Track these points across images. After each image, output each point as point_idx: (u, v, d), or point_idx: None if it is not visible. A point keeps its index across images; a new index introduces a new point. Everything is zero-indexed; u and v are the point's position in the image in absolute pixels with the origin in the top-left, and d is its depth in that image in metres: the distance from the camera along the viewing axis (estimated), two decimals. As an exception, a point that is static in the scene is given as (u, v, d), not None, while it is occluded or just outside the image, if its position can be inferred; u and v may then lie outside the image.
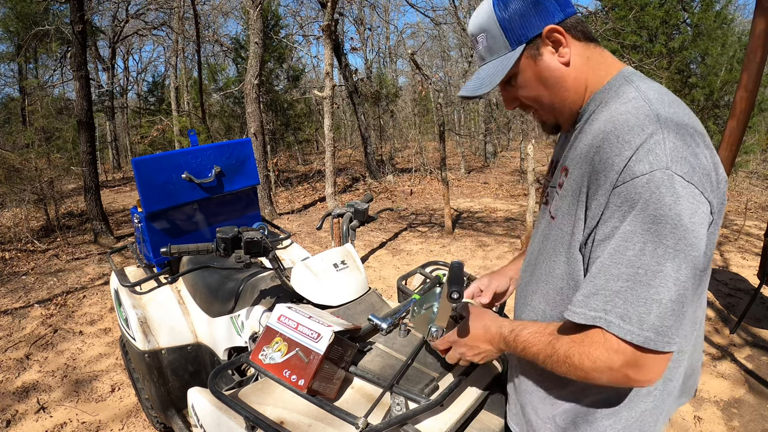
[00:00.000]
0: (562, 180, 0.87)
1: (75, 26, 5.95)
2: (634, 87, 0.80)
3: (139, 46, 20.25)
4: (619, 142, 0.73)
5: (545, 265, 0.90)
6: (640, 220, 0.69)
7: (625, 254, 0.70)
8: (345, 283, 1.51)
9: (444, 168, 6.16)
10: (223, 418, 1.09)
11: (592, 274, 0.74)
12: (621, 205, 0.71)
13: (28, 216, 6.84)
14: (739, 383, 2.72)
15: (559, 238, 0.85)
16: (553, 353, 0.79)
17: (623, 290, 0.70)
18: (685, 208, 0.68)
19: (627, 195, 0.70)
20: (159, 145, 12.85)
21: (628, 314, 0.70)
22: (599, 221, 0.75)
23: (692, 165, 0.70)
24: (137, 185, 1.99)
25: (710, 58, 9.15)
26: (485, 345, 0.96)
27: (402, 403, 1.04)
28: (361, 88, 11.64)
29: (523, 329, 0.88)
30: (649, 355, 0.70)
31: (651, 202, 0.68)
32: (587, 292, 0.74)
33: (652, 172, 0.69)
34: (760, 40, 2.59)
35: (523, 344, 0.86)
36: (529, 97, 0.89)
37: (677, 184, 0.68)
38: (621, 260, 0.70)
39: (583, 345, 0.75)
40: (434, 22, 13.01)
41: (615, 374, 0.73)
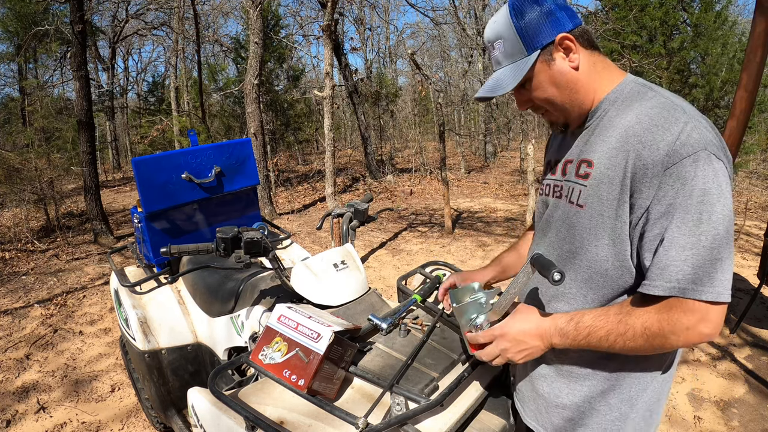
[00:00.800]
0: (587, 171, 0.95)
1: (75, 26, 5.95)
2: (650, 89, 0.92)
3: (139, 46, 20.27)
4: (660, 130, 0.84)
5: (584, 251, 0.95)
6: (696, 193, 0.80)
7: (688, 224, 0.80)
8: (345, 283, 1.51)
9: (444, 168, 6.16)
10: (223, 418, 1.09)
11: (665, 247, 0.82)
12: (674, 184, 0.81)
13: (28, 216, 6.84)
14: (739, 383, 2.72)
15: (598, 224, 0.92)
16: (627, 329, 0.86)
17: (690, 257, 0.80)
18: (722, 179, 0.81)
19: (678, 174, 0.81)
20: (159, 145, 12.85)
21: (699, 278, 0.80)
22: (652, 202, 0.84)
23: (717, 146, 0.82)
24: (137, 185, 1.99)
25: (710, 58, 9.15)
26: (534, 341, 0.96)
27: (402, 403, 1.04)
28: (361, 88, 11.64)
29: (582, 316, 0.92)
30: (715, 308, 0.81)
31: (698, 177, 0.80)
32: (662, 265, 0.82)
33: (696, 152, 0.80)
34: (760, 40, 2.59)
35: (587, 330, 0.90)
36: (542, 98, 0.98)
37: (714, 161, 0.81)
38: (684, 230, 0.80)
39: (661, 312, 0.84)
40: (434, 22, 13.02)
41: (691, 333, 0.82)
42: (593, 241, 0.93)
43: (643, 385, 0.96)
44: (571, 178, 1.00)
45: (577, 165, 0.99)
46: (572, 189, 0.98)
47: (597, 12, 9.71)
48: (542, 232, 1.10)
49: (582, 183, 0.95)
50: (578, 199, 0.96)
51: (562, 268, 0.98)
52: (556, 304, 1.01)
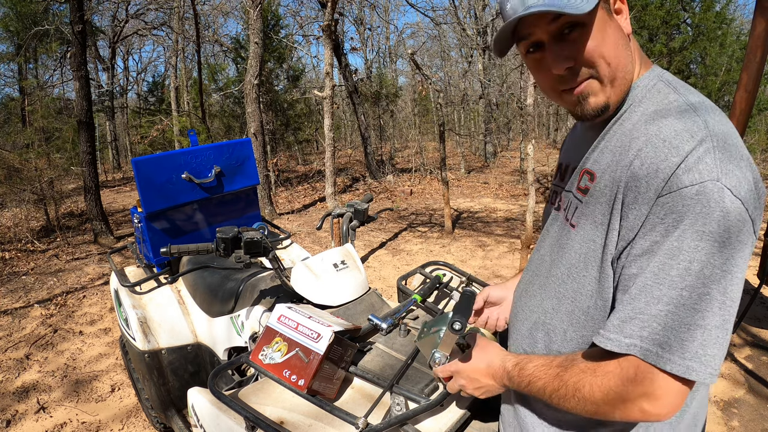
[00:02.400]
0: (587, 185, 0.79)
1: (75, 26, 5.95)
2: (673, 89, 0.74)
3: (139, 46, 20.27)
4: (666, 146, 0.66)
5: (570, 280, 0.81)
6: (688, 236, 0.63)
7: (669, 273, 0.63)
8: (345, 283, 1.51)
9: (444, 168, 6.16)
10: (223, 418, 1.09)
11: (632, 295, 0.67)
12: (665, 217, 0.65)
13: (28, 216, 6.84)
14: (739, 383, 2.72)
15: (589, 250, 0.77)
16: (561, 386, 0.74)
17: (663, 314, 0.64)
18: (733, 225, 0.62)
19: (673, 206, 0.64)
20: (159, 145, 12.85)
21: (668, 341, 0.63)
22: (638, 233, 0.68)
23: (739, 178, 0.63)
24: (137, 185, 1.99)
25: (710, 58, 9.16)
26: (487, 380, 0.90)
27: (402, 403, 1.04)
28: (361, 88, 11.64)
29: (528, 362, 0.82)
30: (670, 386, 0.64)
31: (701, 216, 0.62)
32: (624, 316, 0.67)
33: (702, 182, 0.62)
34: (759, 40, 2.59)
35: (528, 378, 0.80)
36: (596, 57, 0.73)
37: (727, 199, 0.62)
38: (664, 280, 0.64)
39: (596, 375, 0.70)
40: (434, 22, 13.02)
41: (629, 407, 0.67)
42: (581, 270, 0.78)
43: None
44: (571, 189, 0.84)
45: (579, 174, 0.82)
46: (570, 203, 0.84)
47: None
48: (538, 246, 0.96)
49: (579, 198, 0.81)
50: (573, 216, 0.82)
51: (550, 292, 0.86)
52: (537, 333, 0.88)
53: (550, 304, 0.85)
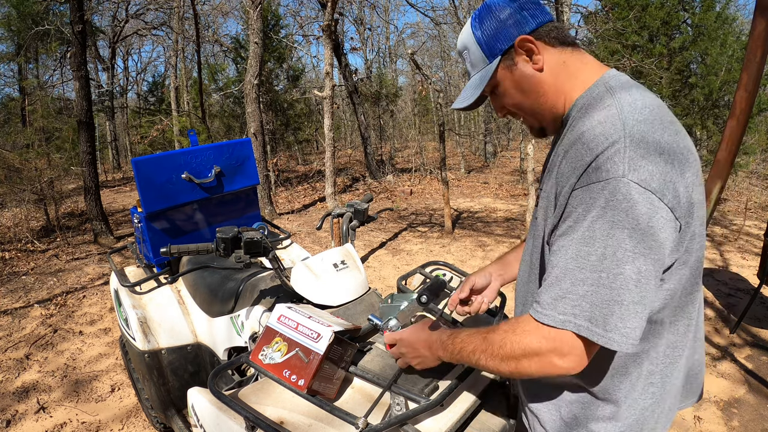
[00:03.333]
0: (545, 185, 0.92)
1: (75, 26, 5.95)
2: (611, 94, 0.82)
3: (139, 46, 20.27)
4: (584, 148, 0.77)
5: (535, 264, 0.94)
6: (599, 225, 0.72)
7: (589, 258, 0.73)
8: (345, 283, 1.51)
9: (444, 168, 6.16)
10: (223, 418, 1.09)
11: (557, 276, 0.76)
12: (577, 207, 0.75)
13: (28, 216, 6.84)
14: (739, 383, 2.72)
15: (538, 254, 0.91)
16: (487, 346, 0.84)
17: (589, 294, 0.73)
18: (641, 212, 0.71)
19: (583, 198, 0.74)
20: (159, 145, 12.85)
21: (594, 317, 0.73)
22: (560, 220, 0.79)
23: (651, 173, 0.72)
24: (137, 185, 1.99)
25: (710, 58, 9.16)
26: (424, 350, 1.01)
27: (402, 403, 1.04)
28: (361, 88, 11.64)
29: (461, 332, 0.93)
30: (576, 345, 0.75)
31: (608, 208, 0.72)
32: (555, 295, 0.76)
33: (607, 180, 0.72)
34: (759, 40, 2.59)
35: (459, 345, 0.91)
36: (511, 104, 0.94)
37: (633, 191, 0.71)
38: (585, 264, 0.73)
39: (516, 334, 0.80)
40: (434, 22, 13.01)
41: (543, 361, 0.77)
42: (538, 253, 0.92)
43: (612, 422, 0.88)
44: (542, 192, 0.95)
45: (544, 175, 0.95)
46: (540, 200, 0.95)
47: (597, 12, 9.70)
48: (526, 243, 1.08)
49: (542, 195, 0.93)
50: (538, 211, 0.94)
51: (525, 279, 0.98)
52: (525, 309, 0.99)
53: (528, 285, 0.98)
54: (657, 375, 0.87)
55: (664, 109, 0.82)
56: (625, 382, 0.86)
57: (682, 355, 0.90)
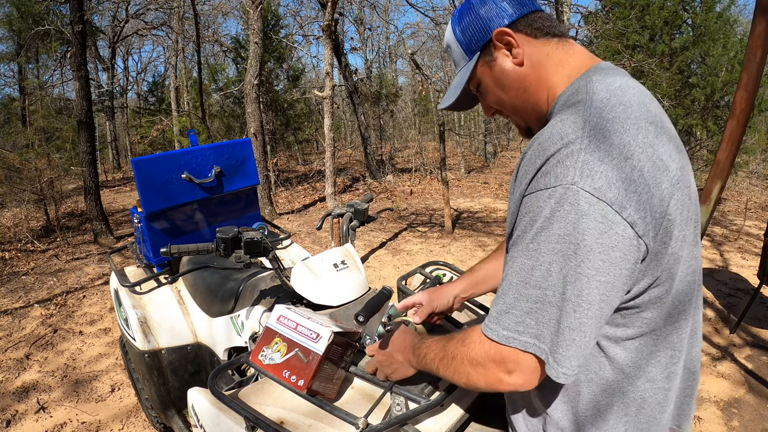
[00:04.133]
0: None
1: (75, 26, 5.95)
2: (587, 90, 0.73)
3: (139, 46, 20.28)
4: (538, 149, 0.70)
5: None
6: (543, 238, 0.66)
7: (533, 274, 0.67)
8: (345, 283, 1.51)
9: (444, 168, 6.16)
10: (222, 418, 1.09)
11: (504, 289, 0.71)
12: (525, 215, 0.69)
13: (28, 216, 6.84)
14: (739, 383, 2.71)
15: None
16: (444, 355, 0.82)
17: (534, 311, 0.67)
18: (590, 227, 0.62)
19: (530, 207, 0.68)
20: (159, 145, 12.85)
21: (541, 334, 0.67)
22: (513, 228, 0.74)
23: (609, 179, 0.63)
24: (137, 185, 1.99)
25: (711, 58, 9.16)
26: (398, 355, 0.99)
27: (402, 403, 1.04)
28: (361, 88, 11.64)
29: (429, 338, 0.91)
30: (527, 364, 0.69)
31: (554, 219, 0.64)
32: (500, 309, 0.71)
33: (554, 187, 0.65)
34: (760, 41, 2.59)
35: (425, 350, 0.89)
36: (494, 102, 0.89)
37: (582, 201, 0.62)
38: (529, 279, 0.67)
39: (464, 345, 0.77)
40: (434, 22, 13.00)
41: (489, 375, 0.73)
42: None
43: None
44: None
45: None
46: None
47: (597, 12, 9.70)
48: None
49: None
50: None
51: None
52: None
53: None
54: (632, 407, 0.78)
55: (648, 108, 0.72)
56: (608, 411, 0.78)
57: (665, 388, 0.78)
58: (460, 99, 0.92)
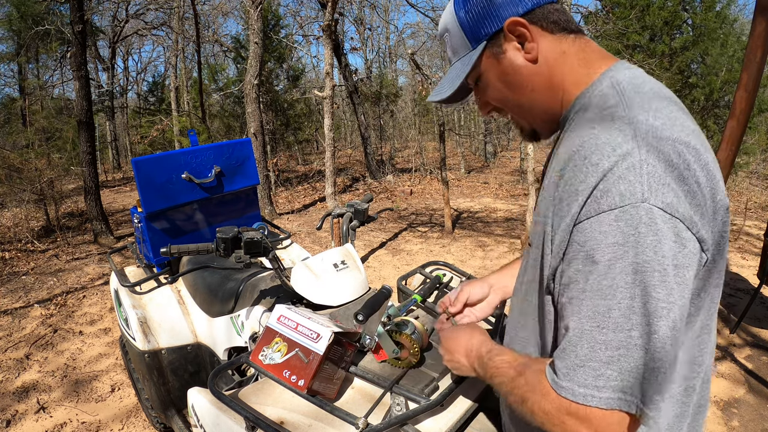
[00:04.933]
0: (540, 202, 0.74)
1: (75, 26, 5.95)
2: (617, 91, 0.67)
3: (139, 46, 20.28)
4: (585, 164, 0.60)
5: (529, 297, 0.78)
6: (618, 270, 0.56)
7: (610, 315, 0.57)
8: (345, 283, 1.51)
9: (444, 168, 6.16)
10: (223, 418, 1.09)
11: (571, 339, 0.60)
12: (584, 245, 0.59)
13: (28, 216, 6.84)
14: (739, 383, 2.71)
15: (535, 272, 0.73)
16: (513, 390, 0.71)
17: (615, 359, 0.57)
18: (669, 249, 0.55)
19: (591, 233, 0.58)
20: (159, 145, 12.85)
21: (627, 387, 0.57)
22: (562, 260, 0.63)
23: (677, 193, 0.56)
24: (137, 185, 1.99)
25: (710, 58, 9.17)
26: (462, 357, 0.88)
27: (402, 403, 1.04)
28: (361, 88, 11.64)
29: (499, 354, 0.79)
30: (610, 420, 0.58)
31: (628, 246, 0.55)
32: (572, 363, 0.60)
33: (622, 207, 0.56)
34: (759, 41, 2.59)
35: (492, 370, 0.78)
36: (496, 99, 0.80)
37: (659, 220, 0.55)
38: (606, 323, 0.57)
39: (535, 393, 0.65)
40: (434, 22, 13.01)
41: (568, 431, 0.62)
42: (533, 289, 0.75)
43: None
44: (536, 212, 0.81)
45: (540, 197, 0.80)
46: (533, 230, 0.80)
47: (597, 12, 9.71)
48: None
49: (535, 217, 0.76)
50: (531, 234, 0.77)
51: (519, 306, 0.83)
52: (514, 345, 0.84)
53: (520, 319, 0.82)
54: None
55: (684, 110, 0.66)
56: None
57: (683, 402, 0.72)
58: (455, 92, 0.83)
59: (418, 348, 1.14)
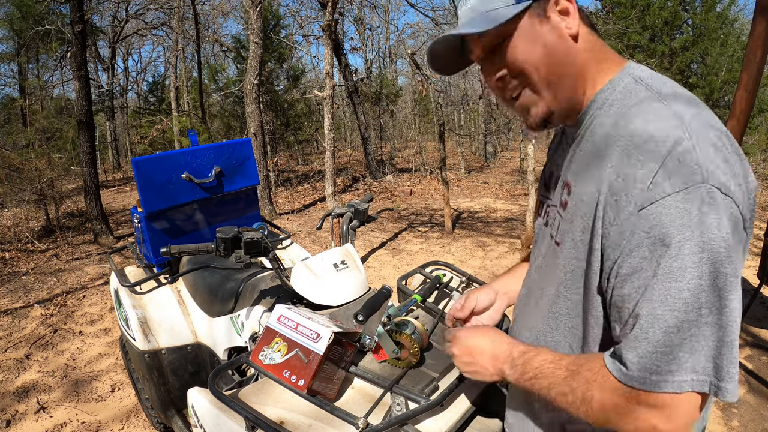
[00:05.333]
0: (566, 199, 0.75)
1: (75, 26, 5.95)
2: (645, 86, 0.69)
3: (139, 46, 20.28)
4: (640, 152, 0.61)
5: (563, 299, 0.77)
6: (687, 251, 0.57)
7: (680, 296, 0.58)
8: (345, 283, 1.51)
9: (444, 168, 6.16)
10: (223, 418, 1.09)
11: (643, 326, 0.60)
12: (651, 230, 0.59)
13: (28, 216, 6.84)
14: (739, 383, 2.71)
15: (575, 269, 0.73)
16: (569, 392, 0.69)
17: (687, 341, 0.58)
18: (729, 227, 0.58)
19: (658, 219, 0.58)
20: (159, 145, 12.85)
21: (699, 368, 0.58)
22: (623, 251, 0.62)
23: (725, 174, 0.59)
24: (137, 185, 1.99)
25: (710, 58, 9.17)
26: (485, 360, 0.84)
27: (402, 403, 1.04)
28: (361, 88, 11.64)
29: (536, 355, 0.76)
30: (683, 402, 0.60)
31: (694, 225, 0.57)
32: (644, 352, 0.60)
33: (686, 188, 0.57)
34: (759, 41, 2.59)
35: (533, 372, 0.74)
36: (520, 65, 0.73)
37: (718, 199, 0.57)
38: (677, 305, 0.58)
39: (603, 390, 0.65)
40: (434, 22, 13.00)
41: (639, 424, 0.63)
42: (570, 289, 0.75)
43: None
44: (556, 203, 0.80)
45: (561, 186, 0.79)
46: (555, 219, 0.79)
47: (597, 12, 9.71)
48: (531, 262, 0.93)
49: (561, 214, 0.76)
50: (557, 233, 0.77)
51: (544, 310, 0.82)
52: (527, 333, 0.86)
53: (547, 322, 0.81)
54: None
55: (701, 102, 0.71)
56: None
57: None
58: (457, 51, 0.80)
59: (418, 348, 1.14)
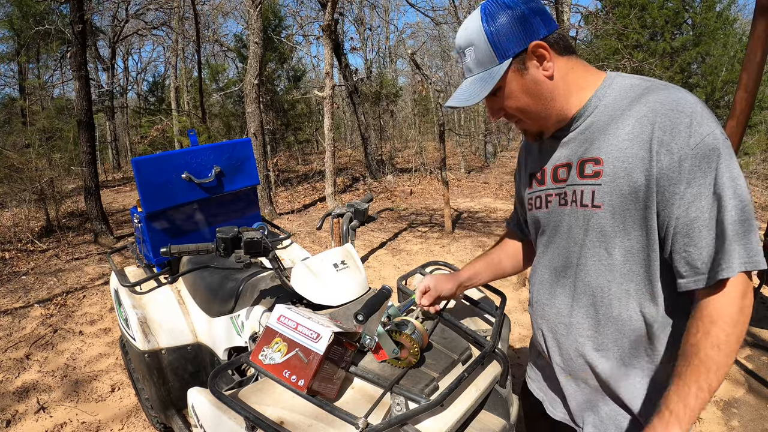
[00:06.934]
0: (596, 170, 0.93)
1: (75, 26, 5.95)
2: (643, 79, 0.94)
3: (139, 46, 20.28)
4: (677, 114, 0.84)
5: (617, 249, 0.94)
6: (724, 165, 0.83)
7: (738, 192, 0.82)
8: (345, 283, 1.51)
9: (444, 168, 6.16)
10: (223, 418, 1.09)
11: (729, 218, 0.81)
12: (701, 160, 0.83)
13: (28, 216, 6.84)
14: (739, 383, 2.71)
15: (626, 218, 0.91)
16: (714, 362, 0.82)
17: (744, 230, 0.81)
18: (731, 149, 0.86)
19: (704, 149, 0.83)
20: (159, 145, 12.85)
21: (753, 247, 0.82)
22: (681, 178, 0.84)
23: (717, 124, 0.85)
24: (137, 185, 1.99)
25: (711, 58, 9.17)
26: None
27: (402, 403, 1.04)
28: (361, 88, 11.64)
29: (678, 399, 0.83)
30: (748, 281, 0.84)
31: (723, 149, 0.83)
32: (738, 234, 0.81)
33: (713, 131, 0.83)
34: (759, 41, 2.58)
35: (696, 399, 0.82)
36: (515, 107, 0.96)
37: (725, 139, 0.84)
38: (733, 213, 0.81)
39: (716, 324, 0.82)
40: (434, 22, 13.01)
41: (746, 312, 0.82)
42: (624, 236, 0.92)
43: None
44: (574, 182, 0.98)
45: (578, 167, 0.97)
46: (581, 192, 0.96)
47: (597, 12, 9.70)
48: (545, 245, 1.09)
49: (594, 182, 0.94)
50: (593, 199, 0.94)
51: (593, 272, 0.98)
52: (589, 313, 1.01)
53: (605, 277, 0.96)
54: None
55: None
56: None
57: None
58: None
59: (418, 348, 1.14)
